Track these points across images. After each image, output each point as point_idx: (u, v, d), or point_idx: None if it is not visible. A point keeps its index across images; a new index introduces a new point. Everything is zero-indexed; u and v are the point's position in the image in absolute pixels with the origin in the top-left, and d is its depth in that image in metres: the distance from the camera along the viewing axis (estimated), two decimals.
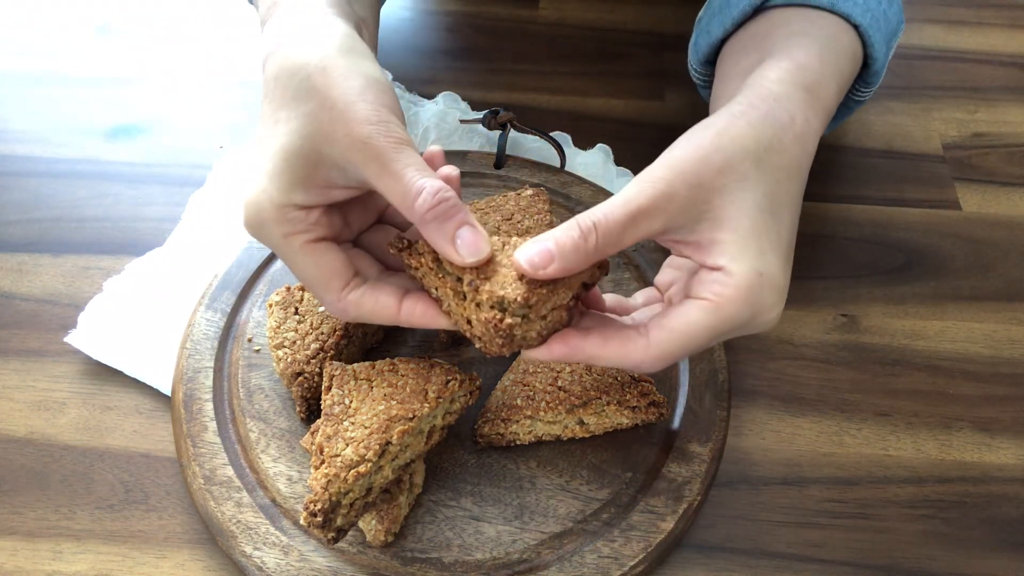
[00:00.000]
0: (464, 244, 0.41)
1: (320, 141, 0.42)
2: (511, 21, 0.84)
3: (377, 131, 0.41)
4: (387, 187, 0.41)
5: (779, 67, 0.47)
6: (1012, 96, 0.78)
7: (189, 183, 0.69)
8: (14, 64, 0.79)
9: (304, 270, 0.44)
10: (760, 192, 0.42)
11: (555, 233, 0.41)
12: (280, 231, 0.43)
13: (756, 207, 0.42)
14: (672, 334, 0.42)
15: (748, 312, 0.41)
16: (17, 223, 0.67)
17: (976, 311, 0.63)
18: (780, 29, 0.52)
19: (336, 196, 0.44)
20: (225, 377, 0.56)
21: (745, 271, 0.41)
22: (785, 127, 0.44)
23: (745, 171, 0.42)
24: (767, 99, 0.45)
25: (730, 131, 0.43)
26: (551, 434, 0.53)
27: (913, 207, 0.69)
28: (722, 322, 0.41)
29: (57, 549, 0.51)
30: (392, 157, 0.41)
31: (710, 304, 0.41)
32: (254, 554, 0.48)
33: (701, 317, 0.41)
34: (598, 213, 0.41)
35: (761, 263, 0.41)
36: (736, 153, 0.42)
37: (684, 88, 0.77)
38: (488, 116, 0.69)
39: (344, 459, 0.44)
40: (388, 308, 0.44)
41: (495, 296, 0.41)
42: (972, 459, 0.56)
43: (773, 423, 0.57)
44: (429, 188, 0.40)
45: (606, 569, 0.48)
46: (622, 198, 0.41)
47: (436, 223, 0.41)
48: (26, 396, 0.57)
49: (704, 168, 0.41)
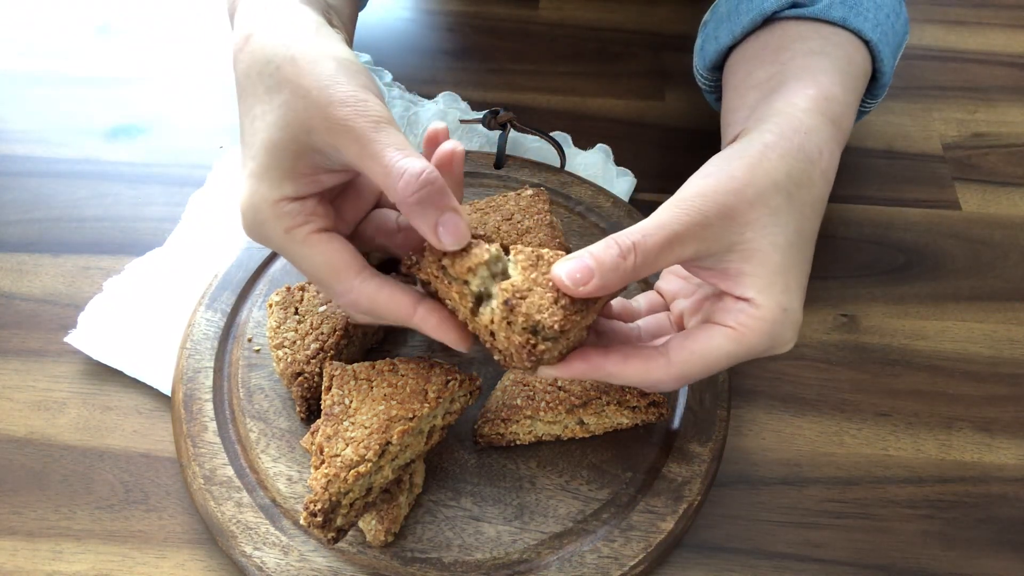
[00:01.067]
0: (447, 231, 0.40)
1: (299, 130, 0.41)
2: (511, 21, 0.84)
3: (354, 111, 0.40)
4: (369, 168, 0.40)
5: (807, 95, 0.47)
6: (1012, 96, 0.78)
7: (189, 183, 0.69)
8: (14, 64, 0.79)
9: (312, 263, 0.43)
10: (790, 228, 0.43)
11: (594, 251, 0.41)
12: (280, 227, 0.43)
13: (786, 242, 0.43)
14: (693, 356, 0.42)
15: (768, 343, 0.43)
16: (17, 223, 0.67)
17: (976, 311, 0.63)
18: (796, 44, 0.52)
19: (326, 182, 0.44)
20: (225, 377, 0.56)
21: (772, 306, 0.42)
22: (814, 162, 0.45)
23: (777, 206, 0.43)
24: (799, 131, 0.45)
25: (763, 164, 0.43)
26: (551, 434, 0.53)
27: (913, 207, 0.69)
28: (743, 350, 0.42)
29: (57, 549, 0.51)
30: (372, 137, 0.40)
31: (734, 333, 0.42)
32: (254, 554, 0.48)
33: (724, 344, 0.42)
34: (636, 234, 0.41)
35: (786, 299, 0.42)
36: (769, 187, 0.43)
37: (684, 88, 0.77)
38: (488, 116, 0.69)
39: (344, 459, 0.44)
40: (405, 308, 0.43)
41: (531, 320, 0.40)
42: (972, 459, 0.56)
43: (773, 423, 0.57)
44: (412, 170, 0.39)
45: (606, 569, 0.48)
46: (657, 221, 0.41)
47: (419, 207, 0.40)
48: (26, 396, 0.57)
49: (738, 200, 0.42)
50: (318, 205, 0.44)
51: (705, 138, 0.74)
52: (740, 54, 0.56)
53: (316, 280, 0.44)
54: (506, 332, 0.41)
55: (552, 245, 0.54)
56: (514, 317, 0.40)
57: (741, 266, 0.42)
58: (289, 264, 0.61)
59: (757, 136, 0.45)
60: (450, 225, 0.40)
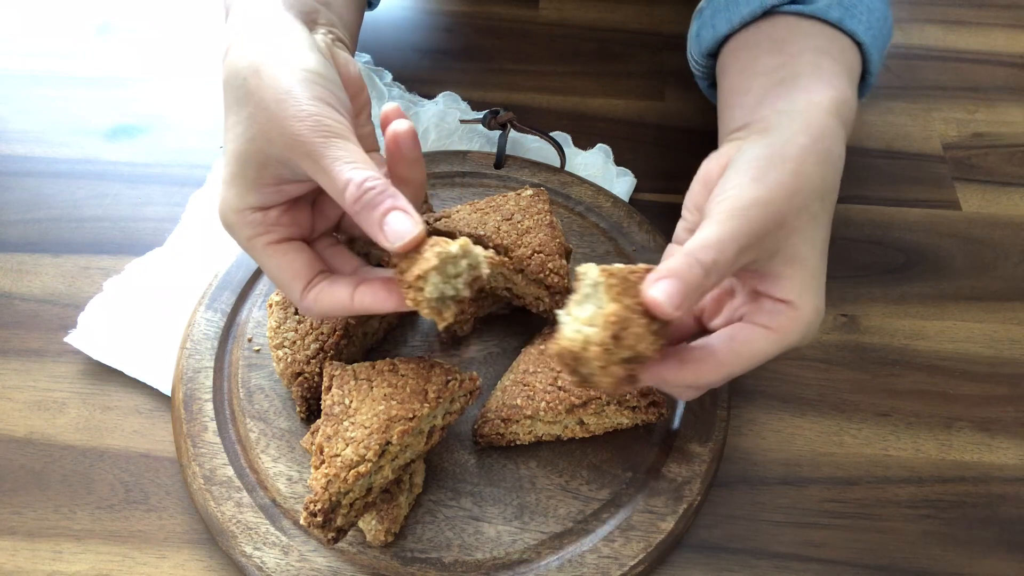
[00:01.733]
0: (390, 230, 0.41)
1: (262, 142, 0.42)
2: (511, 21, 0.84)
3: (306, 127, 0.41)
4: (322, 181, 0.42)
5: (828, 96, 0.49)
6: (1012, 96, 0.78)
7: (189, 183, 0.69)
8: (14, 64, 0.79)
9: (269, 271, 0.45)
10: (823, 232, 0.46)
11: (679, 271, 0.40)
12: (244, 235, 0.44)
13: (821, 247, 0.46)
14: (740, 357, 0.44)
15: (801, 340, 0.45)
16: (17, 223, 0.67)
17: (976, 311, 0.63)
18: (802, 40, 0.53)
19: (291, 192, 0.45)
20: (225, 377, 0.56)
21: (810, 309, 0.44)
22: (837, 166, 0.47)
23: (815, 212, 0.45)
24: (825, 136, 0.47)
25: (805, 169, 0.45)
26: (551, 434, 0.53)
27: (913, 207, 0.69)
28: (780, 348, 0.45)
29: (57, 549, 0.51)
30: (321, 152, 0.41)
31: (775, 336, 0.44)
32: (254, 554, 0.48)
33: (766, 345, 0.44)
34: (713, 251, 0.41)
35: (819, 300, 0.45)
36: (811, 195, 0.45)
37: (684, 88, 0.77)
38: (488, 116, 0.69)
39: (344, 459, 0.44)
40: (343, 300, 0.44)
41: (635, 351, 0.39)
42: (972, 459, 0.56)
43: (773, 423, 0.57)
44: (355, 180, 0.40)
45: (606, 569, 0.48)
46: (728, 233, 0.42)
47: (364, 212, 0.41)
48: (26, 396, 0.57)
49: (788, 208, 0.44)
50: (283, 215, 0.45)
51: (705, 138, 0.74)
52: (740, 41, 0.56)
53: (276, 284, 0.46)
54: (603, 360, 0.39)
55: (552, 245, 0.54)
56: (618, 349, 0.39)
57: (783, 269, 0.44)
58: None
59: (790, 137, 0.46)
60: (391, 224, 0.41)
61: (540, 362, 0.53)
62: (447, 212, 0.56)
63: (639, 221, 0.64)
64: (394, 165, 0.45)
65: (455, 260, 0.41)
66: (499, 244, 0.54)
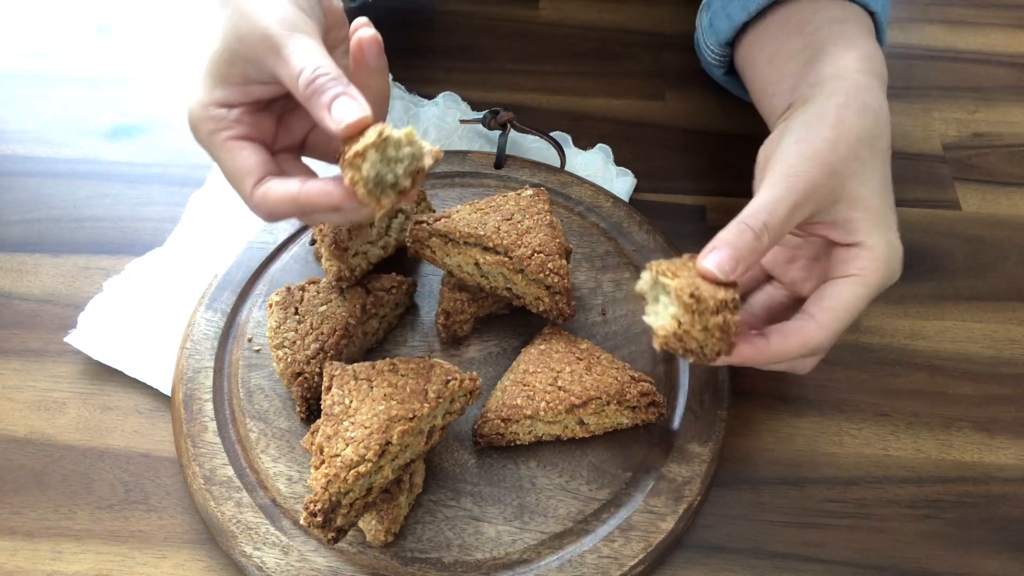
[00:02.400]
0: (336, 113, 0.42)
1: (233, 41, 0.44)
2: (511, 21, 0.84)
3: (274, 20, 0.43)
4: (282, 74, 0.43)
5: (853, 56, 0.53)
6: (1012, 96, 0.78)
7: (189, 183, 0.69)
8: (14, 64, 0.79)
9: (223, 165, 0.46)
10: (878, 173, 0.49)
11: (730, 239, 0.45)
12: (205, 129, 0.46)
13: (880, 186, 0.49)
14: (837, 312, 0.47)
15: (888, 278, 0.48)
16: (17, 223, 0.67)
17: (976, 311, 0.63)
18: (818, 16, 0.56)
19: (256, 93, 0.46)
20: (225, 377, 0.56)
21: (882, 244, 0.48)
22: (879, 115, 0.50)
23: (864, 156, 0.48)
24: (860, 90, 0.50)
25: (845, 122, 0.48)
26: (551, 434, 0.53)
27: (913, 207, 0.69)
28: (871, 290, 0.48)
29: (57, 549, 0.51)
30: (283, 43, 0.43)
31: (860, 279, 0.47)
32: (254, 554, 0.48)
33: (857, 291, 0.47)
34: (763, 213, 0.45)
35: (890, 235, 0.48)
36: (855, 141, 0.48)
37: (684, 88, 0.77)
38: (488, 116, 0.69)
39: (344, 459, 0.44)
40: (291, 191, 0.44)
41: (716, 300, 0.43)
42: (972, 459, 0.56)
43: (773, 423, 0.57)
44: (309, 66, 0.42)
45: (606, 569, 0.48)
46: (777, 195, 0.46)
47: (315, 97, 0.42)
48: (26, 396, 0.57)
49: (835, 157, 0.47)
50: (245, 114, 0.46)
51: (705, 138, 0.74)
52: (760, 30, 0.60)
53: (229, 183, 0.47)
54: (700, 323, 0.44)
55: (552, 245, 0.54)
56: (702, 305, 0.43)
57: (849, 214, 0.47)
58: (289, 264, 0.62)
59: (825, 100, 0.50)
60: (337, 105, 0.42)
61: (540, 362, 0.53)
62: (447, 212, 0.56)
63: (639, 221, 0.64)
64: (357, 72, 0.46)
65: (397, 143, 0.42)
66: (499, 244, 0.54)
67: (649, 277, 0.47)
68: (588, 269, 0.62)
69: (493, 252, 0.54)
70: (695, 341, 0.45)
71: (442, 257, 0.56)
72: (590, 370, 0.53)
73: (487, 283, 0.55)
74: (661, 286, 0.47)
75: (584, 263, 0.62)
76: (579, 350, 0.54)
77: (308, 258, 0.62)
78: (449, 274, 0.57)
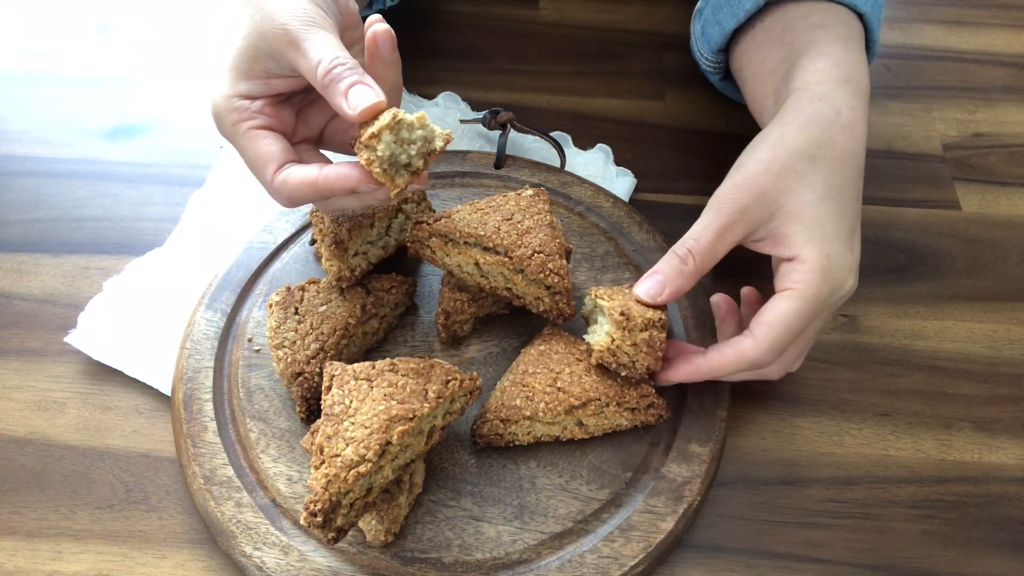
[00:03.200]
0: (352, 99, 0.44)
1: (255, 37, 0.46)
2: (511, 21, 0.84)
3: (293, 16, 0.45)
4: (301, 66, 0.45)
5: (817, 68, 0.53)
6: (1012, 96, 0.78)
7: (189, 183, 0.69)
8: (14, 64, 0.79)
9: (245, 155, 0.48)
10: (819, 184, 0.49)
11: (659, 266, 0.50)
12: (229, 120, 0.48)
13: (817, 198, 0.49)
14: (771, 326, 0.48)
15: (827, 290, 0.48)
16: (17, 223, 0.67)
17: (976, 311, 0.63)
18: (799, 23, 0.57)
19: (277, 87, 0.48)
20: (225, 377, 0.56)
21: (815, 256, 0.48)
22: (831, 122, 0.51)
23: (802, 170, 0.49)
24: (813, 100, 0.51)
25: (784, 140, 0.50)
26: (550, 435, 0.53)
27: (913, 207, 0.69)
28: (808, 304, 0.48)
29: (57, 549, 0.51)
30: (302, 37, 0.45)
31: (794, 292, 0.48)
32: (254, 554, 0.48)
33: (790, 305, 0.48)
34: (689, 240, 0.50)
35: (827, 247, 0.48)
36: (791, 157, 0.49)
37: (684, 88, 0.77)
38: (488, 116, 0.69)
39: (344, 459, 0.44)
40: (310, 175, 0.46)
41: (644, 317, 0.49)
42: (972, 459, 0.56)
43: (773, 423, 0.57)
44: (327, 57, 0.44)
45: (606, 569, 0.48)
46: (704, 223, 0.49)
47: (332, 86, 0.44)
48: (26, 396, 0.57)
49: (767, 178, 0.49)
50: (266, 106, 0.48)
51: (705, 138, 0.74)
52: (748, 42, 0.60)
53: (250, 171, 0.49)
54: (630, 339, 0.50)
55: (552, 245, 0.54)
56: (631, 322, 0.49)
57: (783, 230, 0.49)
58: (289, 264, 0.62)
59: (777, 118, 0.52)
60: (353, 92, 0.44)
61: (539, 363, 0.53)
62: (447, 212, 0.56)
63: (639, 221, 0.64)
64: (372, 65, 0.47)
65: (410, 125, 0.44)
66: (499, 244, 0.54)
67: (590, 301, 0.54)
68: (588, 269, 0.62)
69: (493, 252, 0.54)
70: (626, 356, 0.51)
71: (442, 257, 0.56)
72: (589, 371, 0.53)
73: (487, 283, 0.55)
74: (600, 308, 0.53)
75: (584, 263, 0.62)
76: (579, 351, 0.54)
77: (308, 258, 0.62)
78: (449, 274, 0.57)
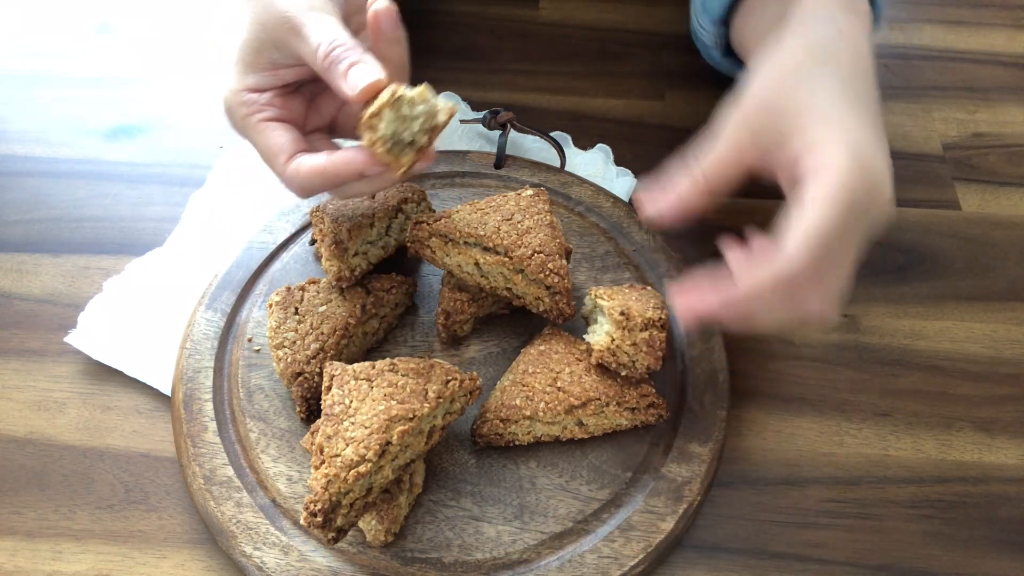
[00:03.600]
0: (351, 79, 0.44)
1: (258, 29, 0.47)
2: (511, 21, 0.84)
3: (294, 6, 0.46)
4: (303, 53, 0.45)
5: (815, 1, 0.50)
6: (1012, 96, 0.78)
7: (189, 183, 0.69)
8: (14, 64, 0.79)
9: (257, 147, 0.49)
10: (828, 83, 0.45)
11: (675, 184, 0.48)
12: (239, 113, 0.48)
13: (829, 96, 0.44)
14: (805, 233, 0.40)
15: (862, 184, 0.41)
16: (17, 223, 0.67)
17: (976, 311, 0.63)
18: None
19: (285, 76, 0.49)
20: (225, 377, 0.56)
21: (841, 147, 0.41)
22: (831, 32, 0.48)
23: (807, 72, 0.45)
24: (808, 20, 0.49)
25: (781, 53, 0.47)
26: (550, 435, 0.53)
27: (913, 207, 0.69)
28: (843, 201, 0.40)
29: (57, 549, 0.51)
30: (302, 23, 0.45)
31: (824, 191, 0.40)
32: (254, 554, 0.48)
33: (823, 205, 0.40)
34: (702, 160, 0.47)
35: (853, 135, 0.42)
36: (791, 63, 0.46)
37: (684, 88, 0.77)
38: (488, 116, 0.69)
39: (344, 459, 0.44)
40: (319, 161, 0.46)
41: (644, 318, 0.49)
42: (972, 459, 0.56)
43: (773, 423, 0.57)
44: (326, 39, 0.45)
45: (606, 569, 0.48)
46: (717, 144, 0.47)
47: (332, 67, 0.44)
48: (26, 396, 0.57)
49: (770, 88, 0.46)
50: (275, 97, 0.49)
51: None
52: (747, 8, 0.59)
53: (264, 162, 0.49)
54: (630, 339, 0.50)
55: (552, 245, 0.54)
56: (631, 322, 0.49)
57: (802, 138, 0.43)
58: (289, 264, 0.62)
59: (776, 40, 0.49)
60: (352, 72, 0.44)
61: (539, 363, 0.53)
62: (447, 212, 0.56)
63: (639, 221, 0.64)
64: (375, 43, 0.47)
65: (411, 101, 0.44)
66: (499, 244, 0.54)
67: (590, 301, 0.54)
68: (588, 269, 0.62)
69: (493, 252, 0.54)
70: (626, 355, 0.51)
71: (442, 257, 0.56)
72: (589, 371, 0.53)
73: (487, 283, 0.55)
74: (600, 308, 0.53)
75: (584, 263, 0.62)
76: (579, 351, 0.54)
77: (308, 258, 0.62)
78: (449, 274, 0.57)
